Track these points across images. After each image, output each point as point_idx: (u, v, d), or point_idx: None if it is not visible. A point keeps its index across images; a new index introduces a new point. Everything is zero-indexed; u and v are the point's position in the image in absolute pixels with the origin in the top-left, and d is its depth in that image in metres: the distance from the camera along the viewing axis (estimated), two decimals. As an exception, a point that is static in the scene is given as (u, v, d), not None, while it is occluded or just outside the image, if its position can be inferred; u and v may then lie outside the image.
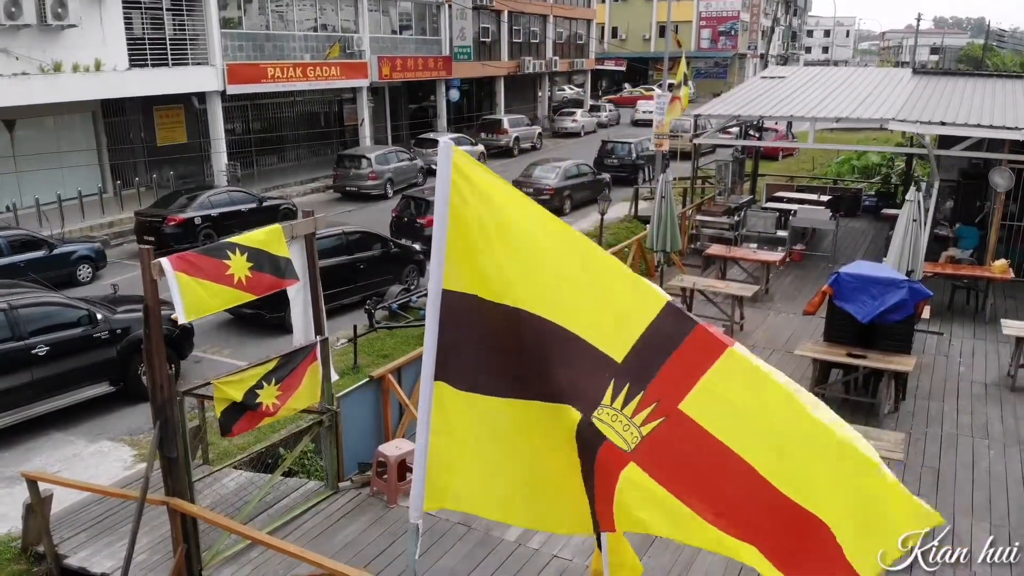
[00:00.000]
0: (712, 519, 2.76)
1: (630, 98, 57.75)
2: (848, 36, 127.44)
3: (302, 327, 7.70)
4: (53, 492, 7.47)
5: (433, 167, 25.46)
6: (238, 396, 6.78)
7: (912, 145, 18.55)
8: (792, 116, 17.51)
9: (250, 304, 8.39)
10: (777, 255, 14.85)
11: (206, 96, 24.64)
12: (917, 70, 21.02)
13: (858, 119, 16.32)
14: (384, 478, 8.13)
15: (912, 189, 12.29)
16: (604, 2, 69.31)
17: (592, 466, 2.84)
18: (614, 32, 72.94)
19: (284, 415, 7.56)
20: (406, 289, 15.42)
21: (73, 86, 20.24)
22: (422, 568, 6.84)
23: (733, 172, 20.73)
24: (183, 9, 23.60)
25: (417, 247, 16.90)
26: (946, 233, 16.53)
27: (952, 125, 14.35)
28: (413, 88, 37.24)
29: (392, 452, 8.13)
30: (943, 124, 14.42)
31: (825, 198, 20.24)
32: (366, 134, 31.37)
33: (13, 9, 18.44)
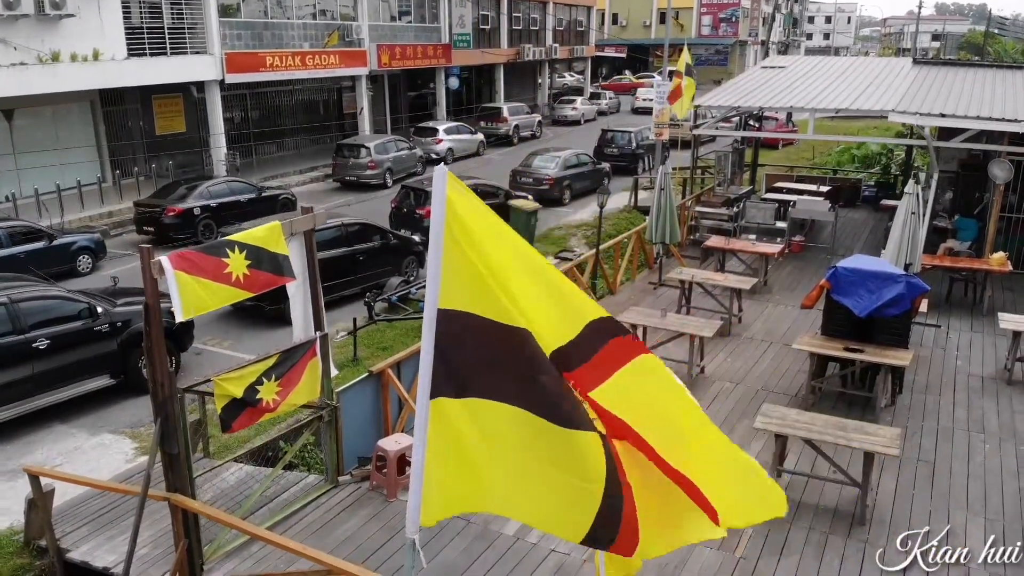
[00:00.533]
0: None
1: (623, 85, 57.80)
2: (849, 23, 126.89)
3: (302, 323, 7.73)
4: (55, 486, 7.53)
5: (432, 156, 25.43)
6: (238, 392, 6.81)
7: (912, 136, 18.52)
8: (792, 107, 17.49)
9: (250, 296, 8.40)
10: (776, 247, 14.87)
11: (205, 85, 24.57)
12: (917, 60, 20.97)
13: (858, 110, 16.30)
14: (383, 472, 8.19)
15: (911, 182, 12.28)
16: (604, -12, 69.02)
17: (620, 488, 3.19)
18: (614, 19, 72.66)
19: (284, 411, 7.60)
20: (405, 281, 15.42)
21: (71, 76, 20.21)
22: (420, 563, 6.90)
23: (733, 162, 20.71)
24: (181, -2, 23.54)
25: (416, 238, 16.89)
26: (945, 225, 16.54)
27: (952, 117, 14.33)
28: (412, 76, 37.12)
29: (391, 447, 8.19)
30: (943, 116, 14.40)
31: (824, 189, 20.23)
32: (365, 123, 31.29)
33: (11, -1, 18.41)
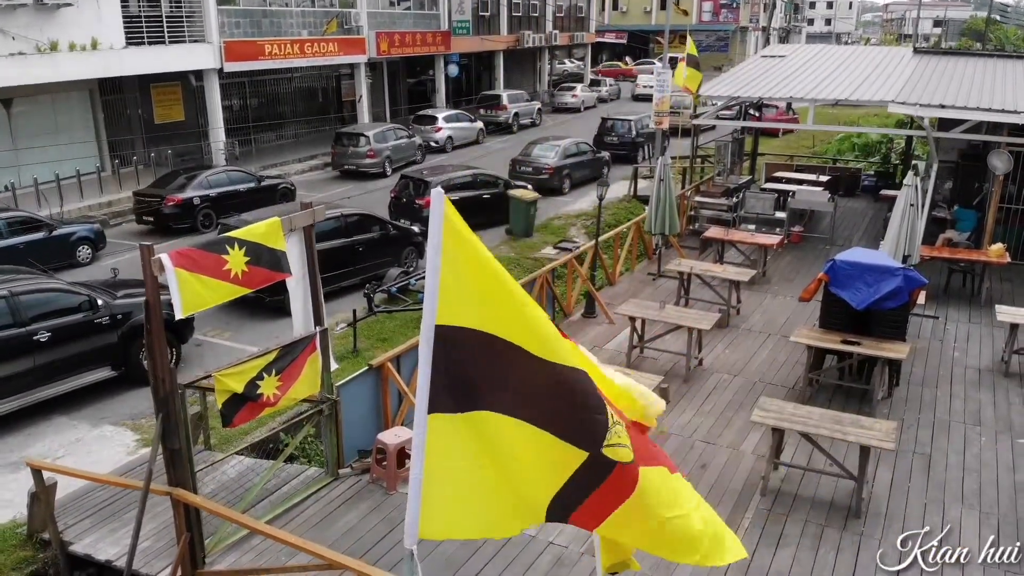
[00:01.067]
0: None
1: (617, 71, 57.79)
2: (851, 8, 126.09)
3: (302, 318, 7.76)
4: (57, 479, 7.59)
5: (432, 144, 25.38)
6: (239, 388, 6.86)
7: (912, 127, 18.50)
8: (792, 97, 17.46)
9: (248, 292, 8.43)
10: (774, 238, 14.88)
11: (203, 74, 24.50)
12: (918, 49, 20.90)
13: (858, 101, 16.27)
14: (383, 465, 8.26)
15: (910, 174, 12.28)
16: (605, -26, 68.65)
17: (599, 481, 3.21)
18: (615, 4, 72.24)
19: (285, 405, 7.66)
20: (405, 272, 15.42)
21: (70, 65, 20.15)
22: (420, 555, 6.95)
23: (732, 152, 20.68)
24: (179, -14, 23.43)
25: (416, 228, 16.89)
26: (944, 215, 16.55)
27: (952, 108, 14.30)
28: (411, 63, 36.98)
29: (391, 440, 8.25)
30: (943, 107, 14.37)
31: (824, 178, 20.23)
32: (364, 111, 31.20)
33: (9, -12, 18.34)
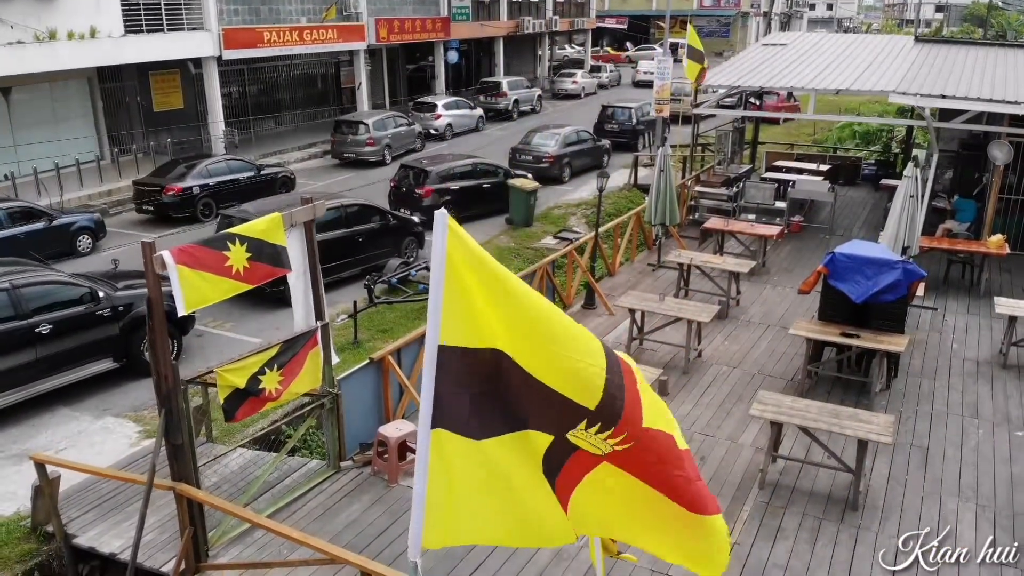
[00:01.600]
0: (674, 498, 3.30)
1: (609, 57, 57.69)
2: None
3: (303, 313, 7.80)
4: (61, 473, 7.65)
5: (431, 132, 25.36)
6: (241, 383, 6.91)
7: (912, 116, 18.49)
8: (793, 87, 17.44)
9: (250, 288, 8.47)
10: (774, 229, 14.89)
11: (202, 62, 24.42)
12: (919, 38, 20.86)
13: (859, 91, 16.24)
14: (385, 458, 8.32)
15: (910, 165, 12.28)
16: (605, -42, 68.15)
17: (559, 467, 3.27)
18: (615, -11, 71.76)
19: (287, 400, 7.71)
20: (405, 262, 15.45)
21: (69, 54, 20.08)
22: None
23: (733, 141, 20.65)
24: (177, -27, 23.30)
25: (416, 218, 16.88)
26: (944, 205, 16.56)
27: (952, 98, 14.29)
28: (411, 49, 36.83)
29: (392, 433, 8.31)
30: (943, 97, 14.35)
31: (825, 167, 20.22)
32: (363, 98, 31.11)
33: (6, -24, 18.25)
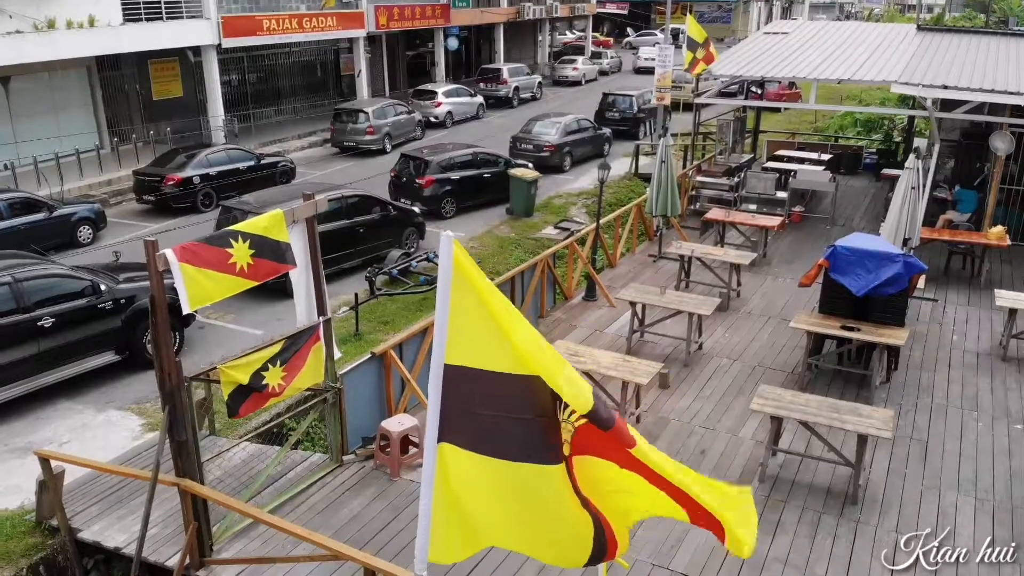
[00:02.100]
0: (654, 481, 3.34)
1: (603, 42, 57.61)
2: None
3: (305, 308, 7.82)
4: (65, 467, 7.69)
5: (431, 120, 25.29)
6: (244, 379, 6.92)
7: (913, 106, 18.44)
8: (794, 77, 17.39)
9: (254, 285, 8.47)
10: (775, 220, 14.88)
11: (201, 50, 24.33)
12: (921, 27, 20.76)
13: (861, 80, 16.20)
14: (387, 452, 8.36)
15: (911, 156, 12.26)
16: (606, -57, 67.68)
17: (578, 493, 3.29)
18: (616, -26, 71.31)
19: (290, 395, 7.73)
20: (406, 254, 15.45)
21: (67, 43, 20.00)
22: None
23: (734, 131, 20.59)
24: (176, -39, 23.17)
25: (416, 209, 16.88)
26: (945, 196, 16.54)
27: (954, 89, 14.23)
28: (411, 36, 36.66)
29: (394, 427, 8.35)
30: (945, 88, 14.29)
31: (826, 157, 20.18)
32: (363, 86, 31.01)
33: (4, -35, 18.15)
